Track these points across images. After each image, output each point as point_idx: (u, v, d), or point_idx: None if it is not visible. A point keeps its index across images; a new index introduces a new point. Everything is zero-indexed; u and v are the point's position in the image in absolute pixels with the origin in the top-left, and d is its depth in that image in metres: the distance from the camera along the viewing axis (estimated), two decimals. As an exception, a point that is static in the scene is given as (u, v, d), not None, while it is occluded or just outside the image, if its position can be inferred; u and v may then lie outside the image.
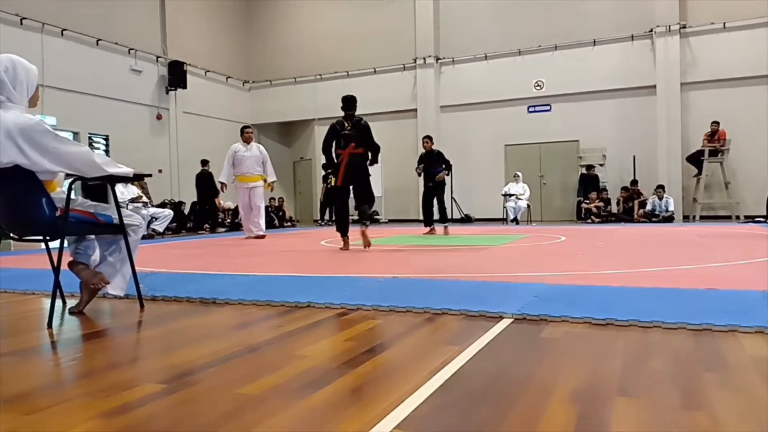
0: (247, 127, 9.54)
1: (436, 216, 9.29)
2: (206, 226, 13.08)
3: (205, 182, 12.42)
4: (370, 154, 6.28)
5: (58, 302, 3.01)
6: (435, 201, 9.18)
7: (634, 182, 13.12)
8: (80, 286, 2.92)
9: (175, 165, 14.64)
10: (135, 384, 1.73)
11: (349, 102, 6.29)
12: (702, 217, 12.44)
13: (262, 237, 8.94)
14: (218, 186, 9.52)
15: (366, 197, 6.27)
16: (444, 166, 9.14)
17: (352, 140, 6.11)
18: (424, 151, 9.35)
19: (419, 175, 9.46)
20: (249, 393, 1.60)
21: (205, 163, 12.64)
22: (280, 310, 2.85)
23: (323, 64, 16.54)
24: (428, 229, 9.22)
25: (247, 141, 9.02)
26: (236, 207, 13.71)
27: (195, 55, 15.32)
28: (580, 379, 1.68)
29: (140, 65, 13.84)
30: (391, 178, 15.61)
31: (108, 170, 2.71)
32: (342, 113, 6.29)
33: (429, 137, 9.34)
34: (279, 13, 17.36)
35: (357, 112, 6.33)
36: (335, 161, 6.22)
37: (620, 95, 13.72)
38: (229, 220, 13.46)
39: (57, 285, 2.78)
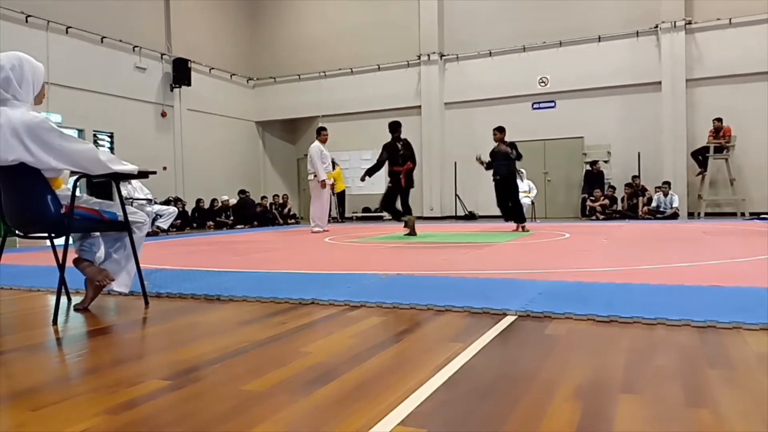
0: (324, 128, 9.89)
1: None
2: (210, 223, 13.16)
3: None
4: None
5: (64, 299, 3.03)
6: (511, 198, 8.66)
7: (636, 177, 13.07)
8: (85, 283, 2.94)
9: (179, 162, 14.66)
10: (140, 380, 1.74)
11: (395, 126, 8.26)
12: (707, 214, 12.39)
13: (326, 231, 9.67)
14: (326, 184, 9.55)
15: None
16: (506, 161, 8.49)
17: (408, 159, 8.17)
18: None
19: (486, 168, 9.01)
20: (254, 389, 1.61)
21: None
22: (284, 307, 2.86)
23: (327, 61, 16.51)
24: (514, 226, 8.75)
25: (323, 141, 9.56)
26: (238, 202, 13.78)
27: (199, 52, 15.33)
28: (584, 376, 1.68)
29: (145, 62, 13.86)
30: (395, 175, 15.60)
31: (113, 167, 2.72)
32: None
33: (497, 128, 8.66)
34: (283, 10, 17.35)
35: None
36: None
37: (625, 92, 13.66)
38: (232, 218, 13.50)
39: (62, 282, 2.79)
